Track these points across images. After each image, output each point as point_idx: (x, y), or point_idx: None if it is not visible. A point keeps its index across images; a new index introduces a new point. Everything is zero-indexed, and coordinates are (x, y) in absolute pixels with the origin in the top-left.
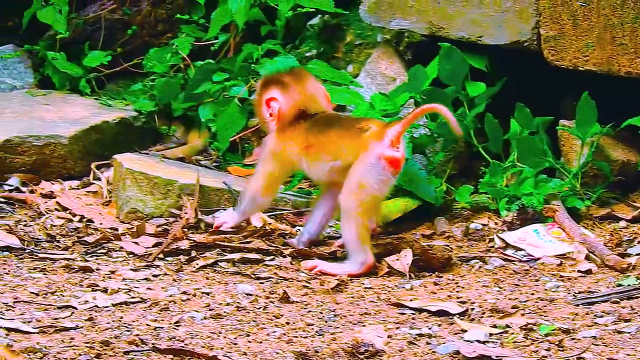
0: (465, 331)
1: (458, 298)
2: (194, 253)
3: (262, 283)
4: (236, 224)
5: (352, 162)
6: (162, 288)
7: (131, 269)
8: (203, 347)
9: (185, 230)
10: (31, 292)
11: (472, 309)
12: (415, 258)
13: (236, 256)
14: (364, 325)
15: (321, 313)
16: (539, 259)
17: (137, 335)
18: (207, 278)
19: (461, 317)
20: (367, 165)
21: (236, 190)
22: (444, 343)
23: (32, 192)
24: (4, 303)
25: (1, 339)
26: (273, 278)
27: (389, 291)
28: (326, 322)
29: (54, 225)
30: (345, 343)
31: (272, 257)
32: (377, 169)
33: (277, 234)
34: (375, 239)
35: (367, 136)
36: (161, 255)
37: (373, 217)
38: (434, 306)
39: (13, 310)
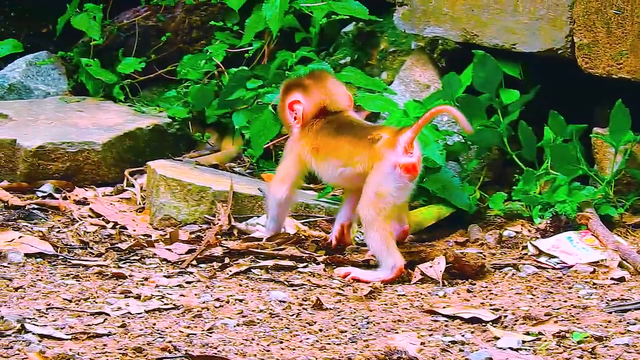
0: (498, 338)
1: (491, 305)
2: (227, 260)
3: (296, 290)
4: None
5: (363, 171)
6: (195, 295)
7: (164, 276)
8: (236, 354)
9: (219, 237)
10: (64, 299)
11: (505, 316)
12: (448, 265)
13: (269, 263)
14: (397, 333)
15: (354, 320)
16: (572, 266)
17: (169, 342)
18: (240, 285)
19: (494, 325)
20: (383, 174)
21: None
22: (476, 350)
23: (65, 198)
24: (37, 309)
25: (34, 345)
26: (306, 285)
27: (422, 298)
28: (359, 329)
29: (87, 232)
30: (379, 350)
31: (305, 264)
32: (393, 177)
33: (311, 241)
34: (408, 246)
35: (379, 146)
36: (194, 262)
37: (404, 218)
38: (467, 313)
39: (46, 317)
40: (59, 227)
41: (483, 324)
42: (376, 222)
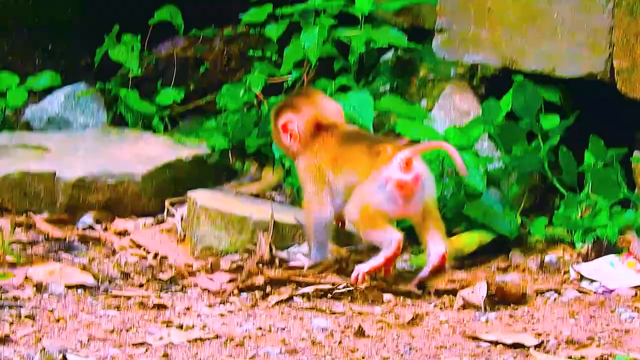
0: None
1: (533, 330)
2: (268, 288)
3: (337, 317)
4: (315, 262)
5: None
6: (237, 324)
7: (206, 305)
8: None
9: (260, 265)
10: (106, 330)
11: (548, 340)
12: (490, 291)
13: (310, 290)
14: (439, 359)
15: (397, 347)
16: (614, 290)
17: None
18: (282, 313)
19: (537, 349)
20: (373, 185)
21: None
22: None
23: (106, 229)
24: (79, 340)
25: None
26: (348, 312)
27: (464, 324)
28: (402, 355)
29: (128, 263)
30: None
31: (347, 291)
32: (382, 191)
33: (352, 267)
34: (449, 273)
35: (379, 158)
36: (236, 292)
37: (440, 242)
38: (509, 338)
39: (88, 348)
40: (99, 258)
41: (525, 348)
42: (361, 225)
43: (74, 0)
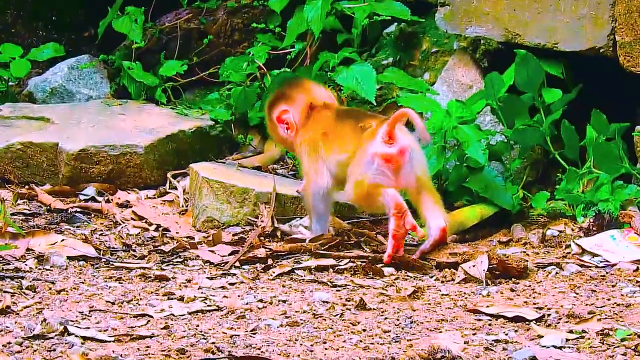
0: (542, 337)
1: (534, 304)
2: (270, 261)
3: (339, 290)
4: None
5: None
6: (239, 296)
7: (207, 278)
8: (279, 354)
9: (262, 238)
10: (107, 301)
11: (549, 314)
12: (491, 265)
13: (312, 264)
14: (440, 332)
15: (398, 320)
16: (615, 264)
17: (213, 343)
18: (283, 286)
19: (538, 323)
20: (361, 163)
21: None
22: (520, 349)
23: (108, 201)
24: (80, 312)
25: (77, 347)
26: (349, 285)
27: (466, 297)
28: (403, 328)
29: (130, 235)
30: (422, 349)
31: (349, 264)
32: (370, 166)
33: (354, 242)
34: (451, 246)
35: (364, 135)
36: (237, 264)
37: (439, 216)
38: (510, 312)
39: (89, 319)
40: (101, 230)
41: (526, 322)
42: (361, 199)
43: None
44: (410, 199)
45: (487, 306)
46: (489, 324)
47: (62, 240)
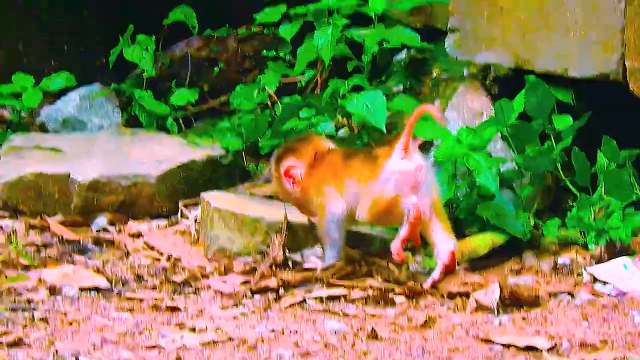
0: None
1: (546, 333)
2: (282, 291)
3: (350, 320)
4: (333, 263)
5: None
6: (250, 326)
7: (219, 308)
8: None
9: (273, 268)
10: (119, 332)
11: (561, 343)
12: (503, 293)
13: (324, 293)
14: None
15: (410, 349)
16: (627, 293)
17: None
18: (295, 316)
19: (550, 352)
20: (379, 180)
21: None
22: None
23: (119, 231)
24: (92, 343)
25: None
26: (361, 315)
27: (478, 326)
28: (415, 358)
29: (142, 265)
30: None
31: (360, 293)
32: (389, 184)
33: (365, 271)
34: (462, 275)
35: (379, 158)
36: (249, 294)
37: (448, 240)
38: (522, 341)
39: (101, 351)
40: (113, 260)
41: (539, 351)
42: (377, 216)
43: (89, 1)
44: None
45: (499, 335)
46: (501, 353)
47: (74, 271)
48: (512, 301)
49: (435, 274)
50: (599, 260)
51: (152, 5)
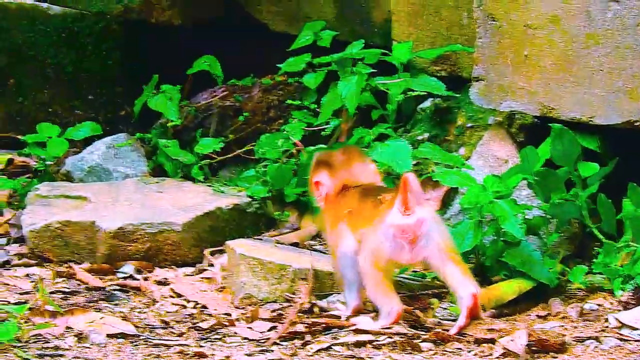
0: None
1: None
2: (308, 337)
3: None
4: (355, 306)
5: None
6: None
7: (246, 354)
8: None
9: (300, 314)
10: None
11: None
12: (529, 339)
13: (350, 339)
14: None
15: None
16: None
17: None
18: None
19: None
20: (379, 233)
21: None
22: None
23: (146, 279)
24: None
25: None
26: None
27: None
28: None
29: (169, 312)
30: None
31: (386, 339)
32: (388, 239)
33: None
34: (489, 322)
35: (381, 207)
36: (276, 340)
37: (468, 283)
38: None
39: None
40: (140, 308)
41: None
42: (370, 275)
43: (114, 51)
44: (436, 273)
45: None
46: None
47: (101, 318)
48: (538, 347)
49: (461, 320)
50: (626, 306)
51: (176, 55)
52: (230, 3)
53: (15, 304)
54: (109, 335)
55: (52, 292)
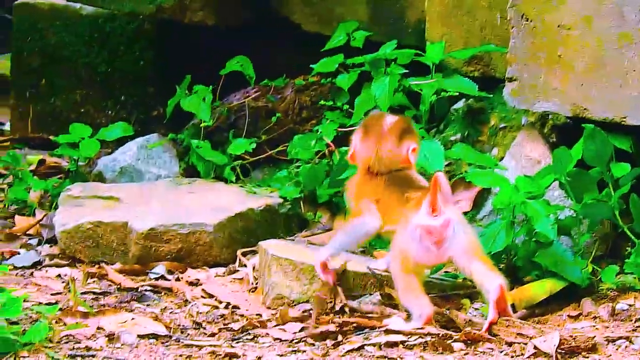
0: None
1: None
2: (340, 337)
3: None
4: (329, 257)
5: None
6: None
7: (277, 355)
8: None
9: (332, 315)
10: None
11: None
12: (561, 339)
13: (382, 340)
14: None
15: None
16: None
17: None
18: None
19: None
20: (405, 234)
21: (381, 275)
22: None
23: (178, 280)
24: None
25: None
26: None
27: None
28: None
29: (200, 313)
30: None
31: (417, 339)
32: (415, 240)
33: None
34: (518, 325)
35: (409, 206)
36: (307, 341)
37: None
38: None
39: None
40: (171, 308)
41: None
42: (400, 277)
43: (147, 51)
44: (462, 273)
45: None
46: None
47: (133, 318)
48: (570, 347)
49: (490, 314)
50: None
51: (208, 55)
52: (263, 4)
53: (47, 304)
54: (140, 336)
55: (83, 293)
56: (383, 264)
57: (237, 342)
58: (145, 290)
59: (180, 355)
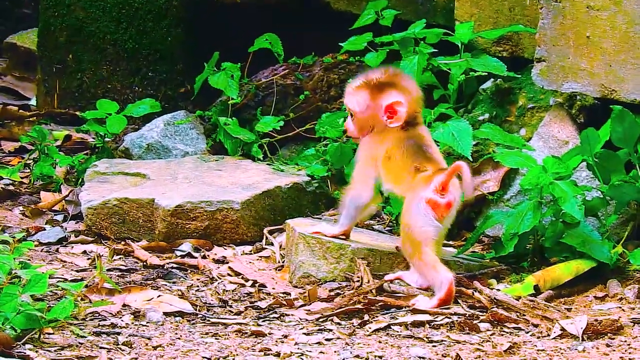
0: None
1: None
2: (367, 317)
3: (435, 346)
4: (334, 235)
5: (401, 196)
6: (335, 352)
7: (304, 333)
8: None
9: (358, 294)
10: (203, 357)
11: None
12: (588, 320)
13: (409, 319)
14: None
15: None
16: None
17: None
18: (379, 342)
19: None
20: (410, 206)
21: None
22: None
23: (204, 257)
24: None
25: None
26: (446, 341)
27: (562, 353)
28: None
29: (226, 290)
30: None
31: (444, 319)
32: (418, 211)
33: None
34: (543, 308)
35: (418, 179)
36: (334, 319)
37: None
38: None
39: None
40: (197, 286)
41: None
42: (411, 253)
43: (175, 28)
44: None
45: None
46: None
47: (159, 296)
48: (596, 328)
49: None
50: None
51: (237, 32)
52: None
53: (72, 281)
54: (166, 314)
55: (109, 270)
56: None
57: (264, 321)
58: (172, 267)
59: (206, 333)
